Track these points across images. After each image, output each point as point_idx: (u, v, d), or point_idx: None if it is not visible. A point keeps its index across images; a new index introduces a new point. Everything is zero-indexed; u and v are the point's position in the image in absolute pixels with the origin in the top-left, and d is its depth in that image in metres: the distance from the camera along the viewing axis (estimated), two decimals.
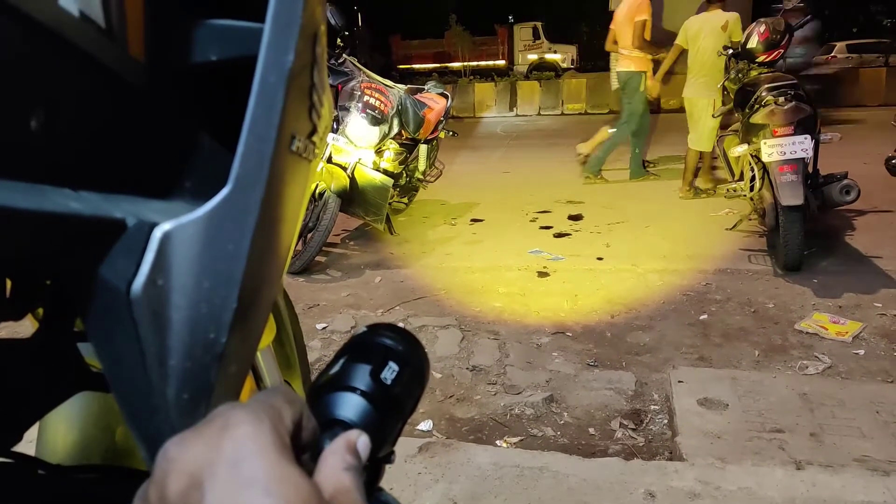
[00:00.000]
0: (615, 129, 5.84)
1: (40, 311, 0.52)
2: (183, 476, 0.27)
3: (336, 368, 0.40)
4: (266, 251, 0.39)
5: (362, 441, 0.34)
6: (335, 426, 0.36)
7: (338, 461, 0.32)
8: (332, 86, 4.07)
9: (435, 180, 5.06)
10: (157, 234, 0.33)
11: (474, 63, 20.71)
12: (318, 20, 0.41)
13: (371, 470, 0.39)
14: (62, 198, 0.32)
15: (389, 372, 0.40)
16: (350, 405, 0.38)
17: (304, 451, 0.33)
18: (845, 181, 3.33)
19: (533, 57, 21.12)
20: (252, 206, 0.35)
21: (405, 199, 4.93)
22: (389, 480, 1.69)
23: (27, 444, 0.62)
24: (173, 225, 0.33)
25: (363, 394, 0.38)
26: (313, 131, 0.42)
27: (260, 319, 0.44)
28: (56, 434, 0.64)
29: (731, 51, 4.21)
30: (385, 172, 4.05)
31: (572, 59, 21.00)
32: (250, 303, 0.39)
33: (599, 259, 3.80)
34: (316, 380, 0.41)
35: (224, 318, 0.36)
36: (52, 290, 0.47)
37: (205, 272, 0.35)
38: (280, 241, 0.41)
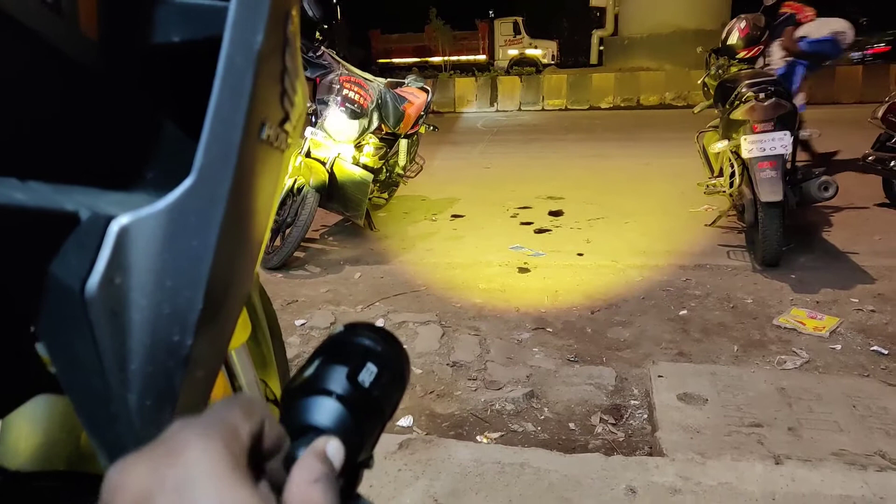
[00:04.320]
0: None
1: None
2: (129, 501, 0.25)
3: (311, 370, 0.38)
4: (235, 247, 0.36)
5: (332, 446, 0.32)
6: (309, 433, 0.34)
7: (305, 474, 0.29)
8: (310, 79, 4.02)
9: (415, 175, 5.03)
10: (114, 227, 0.30)
11: (454, 58, 20.69)
12: None
13: (349, 475, 0.37)
14: (6, 188, 0.29)
15: (367, 374, 0.38)
16: (325, 410, 0.35)
17: (268, 461, 0.31)
18: (823, 178, 3.37)
19: (513, 52, 21.14)
20: (218, 198, 0.33)
21: (385, 195, 4.89)
22: (369, 478, 1.67)
23: None
24: (132, 218, 0.31)
25: (339, 398, 0.36)
26: (285, 119, 0.39)
27: (230, 320, 0.41)
28: (18, 437, 0.61)
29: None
30: (365, 167, 4.01)
31: (553, 55, 21.04)
32: (219, 303, 0.36)
33: (580, 255, 3.81)
34: (290, 382, 0.38)
35: (189, 320, 0.34)
36: (4, 287, 0.44)
37: (167, 270, 0.32)
38: (250, 236, 0.39)
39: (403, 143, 4.62)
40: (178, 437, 0.27)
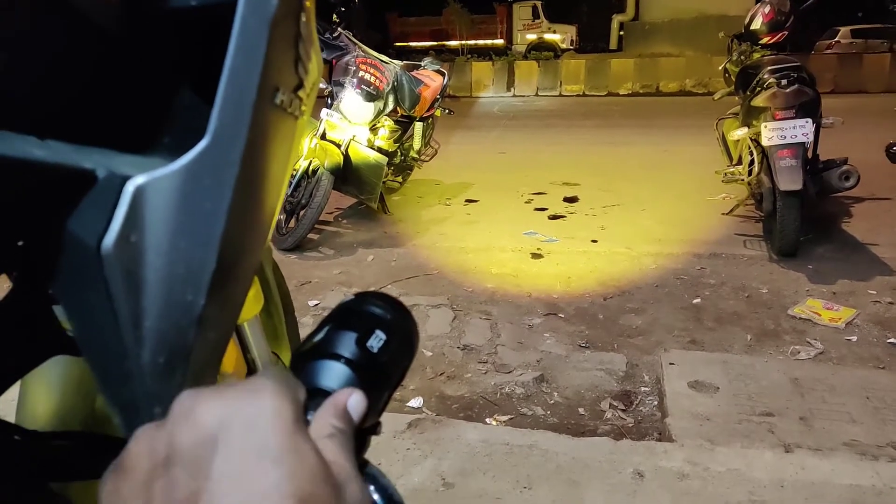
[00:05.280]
0: None
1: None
2: (198, 428, 0.26)
3: (321, 335, 0.39)
4: (248, 210, 0.37)
5: (354, 399, 0.33)
6: (317, 396, 0.34)
7: (322, 428, 0.30)
8: (326, 61, 4.01)
9: (430, 159, 5.02)
10: (130, 187, 0.31)
11: (472, 42, 20.52)
12: None
13: (357, 441, 0.37)
14: (27, 145, 0.30)
15: (376, 340, 0.38)
16: (334, 374, 0.36)
17: None
18: (845, 167, 3.31)
19: (532, 37, 20.89)
20: (232, 160, 0.33)
21: (399, 178, 4.89)
22: (378, 455, 1.69)
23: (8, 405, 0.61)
24: (147, 178, 0.31)
25: (348, 362, 0.36)
26: (299, 86, 0.39)
27: (241, 284, 0.42)
28: (37, 400, 0.63)
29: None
30: (380, 150, 4.01)
31: (572, 40, 20.79)
32: (231, 265, 0.37)
33: (594, 241, 3.79)
34: (300, 346, 0.39)
35: (202, 280, 0.34)
36: (24, 250, 0.45)
37: (181, 230, 0.33)
38: (263, 200, 0.39)
39: (419, 126, 4.61)
40: (253, 383, 0.28)
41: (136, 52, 0.37)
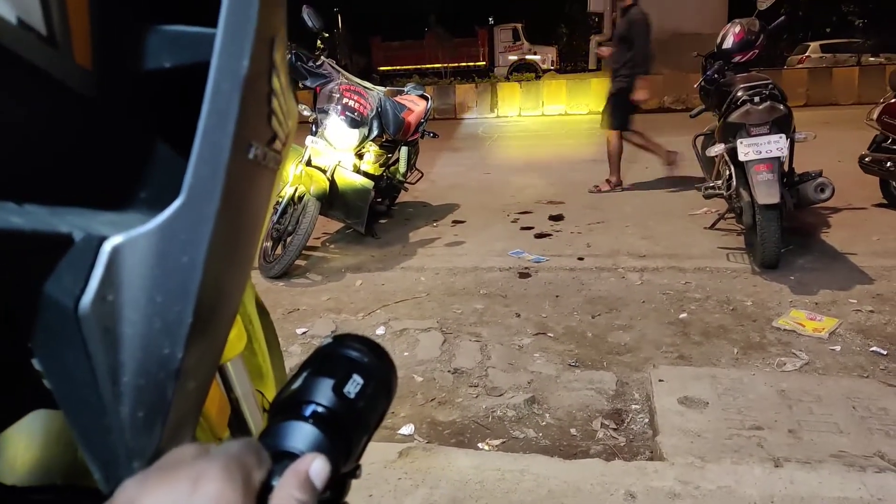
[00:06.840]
0: None
1: None
2: None
3: (298, 383, 0.39)
4: (225, 262, 0.38)
5: (317, 466, 0.32)
6: (285, 458, 0.34)
7: (283, 501, 0.30)
8: (310, 88, 4.05)
9: (416, 182, 5.05)
10: (107, 248, 0.32)
11: (454, 64, 20.78)
12: (276, 25, 0.39)
13: (335, 487, 0.38)
14: (3, 212, 0.31)
15: (353, 385, 0.39)
16: (301, 435, 0.36)
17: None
18: (820, 179, 3.38)
19: (513, 58, 21.22)
20: (207, 217, 0.34)
21: (386, 202, 4.92)
22: (369, 487, 1.68)
23: None
24: (124, 238, 0.32)
25: (319, 416, 0.37)
26: (273, 138, 0.40)
27: (221, 333, 0.42)
28: (16, 452, 0.62)
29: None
30: (365, 175, 4.03)
31: (552, 61, 21.16)
32: (209, 316, 0.37)
33: (580, 259, 3.82)
34: (278, 395, 0.40)
35: (180, 333, 0.35)
36: (1, 304, 0.45)
37: (158, 286, 0.33)
38: (240, 251, 0.40)
39: (404, 150, 4.65)
40: (199, 466, 0.27)
41: (111, 112, 0.39)
